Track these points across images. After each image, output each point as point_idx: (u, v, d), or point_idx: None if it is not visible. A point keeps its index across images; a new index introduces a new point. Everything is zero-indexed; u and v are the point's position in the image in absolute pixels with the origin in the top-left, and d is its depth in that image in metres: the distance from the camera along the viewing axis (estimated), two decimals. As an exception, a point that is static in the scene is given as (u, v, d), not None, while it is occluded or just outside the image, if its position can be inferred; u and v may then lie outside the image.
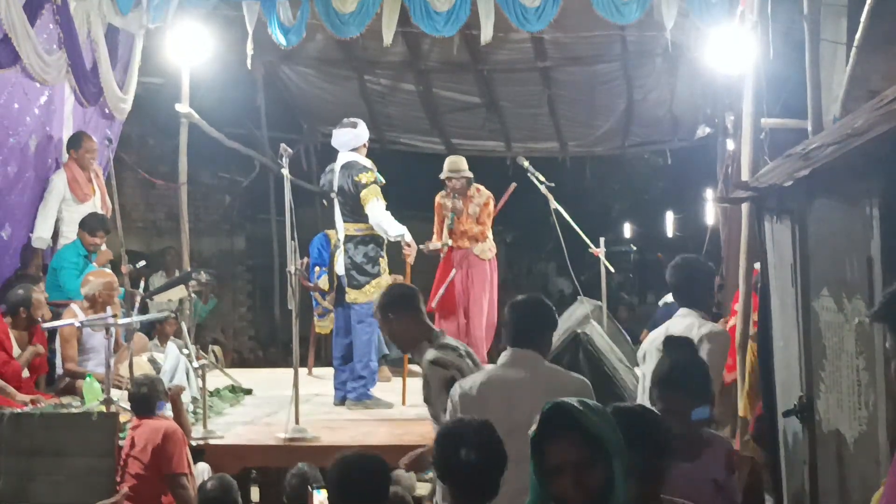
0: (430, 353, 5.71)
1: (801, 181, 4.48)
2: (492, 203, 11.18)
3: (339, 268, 9.24)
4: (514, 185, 11.43)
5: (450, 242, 11.10)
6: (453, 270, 11.13)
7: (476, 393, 5.05)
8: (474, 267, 11.09)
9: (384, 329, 6.18)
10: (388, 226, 9.07)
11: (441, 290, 11.05)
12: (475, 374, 5.39)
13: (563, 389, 4.53)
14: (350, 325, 9.27)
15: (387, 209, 9.19)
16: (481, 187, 11.25)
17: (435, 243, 11.19)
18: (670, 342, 5.13)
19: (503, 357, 5.23)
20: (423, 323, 5.98)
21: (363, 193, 9.03)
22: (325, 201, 9.69)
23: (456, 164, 11.12)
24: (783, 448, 5.41)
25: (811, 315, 4.63)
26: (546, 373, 5.11)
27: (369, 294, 9.02)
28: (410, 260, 9.45)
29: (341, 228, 9.29)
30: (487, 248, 11.16)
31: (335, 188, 9.24)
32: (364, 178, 9.08)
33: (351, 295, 9.15)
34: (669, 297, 11.99)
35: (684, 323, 6.01)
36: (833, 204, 4.42)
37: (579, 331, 7.72)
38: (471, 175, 11.12)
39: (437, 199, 11.27)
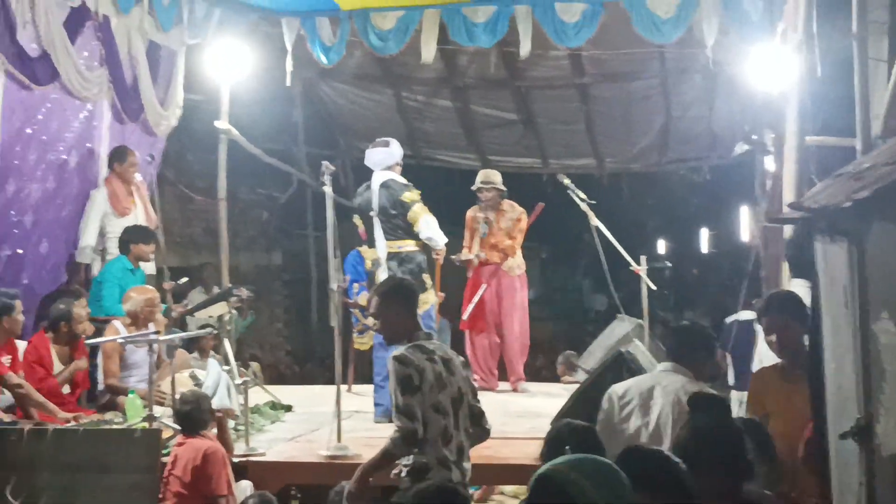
0: (399, 350, 5.94)
1: (859, 202, 4.43)
2: (524, 219, 11.16)
3: None
4: (541, 204, 11.41)
5: (482, 255, 11.07)
6: (483, 286, 11.11)
7: (622, 395, 5.89)
8: (504, 283, 11.07)
9: (378, 313, 6.26)
10: (440, 238, 9.21)
11: (471, 307, 11.03)
12: (630, 380, 6.18)
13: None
14: None
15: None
16: (515, 203, 11.24)
17: (466, 254, 11.17)
18: (698, 402, 4.58)
19: (658, 367, 6.00)
20: (414, 320, 6.21)
21: (412, 212, 9.10)
22: (358, 220, 9.67)
23: (488, 176, 11.15)
24: (834, 472, 5.35)
25: (870, 337, 4.58)
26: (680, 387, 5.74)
27: None
28: (440, 261, 9.57)
29: (383, 247, 9.29)
30: (517, 265, 11.13)
31: (375, 208, 9.25)
32: (408, 196, 9.15)
33: None
34: (744, 314, 11.58)
35: (672, 379, 6.04)
36: (892, 226, 4.37)
37: (623, 350, 7.66)
38: (503, 189, 11.08)
39: (469, 213, 11.25)
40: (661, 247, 27.82)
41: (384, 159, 9.44)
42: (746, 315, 11.82)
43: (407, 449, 5.81)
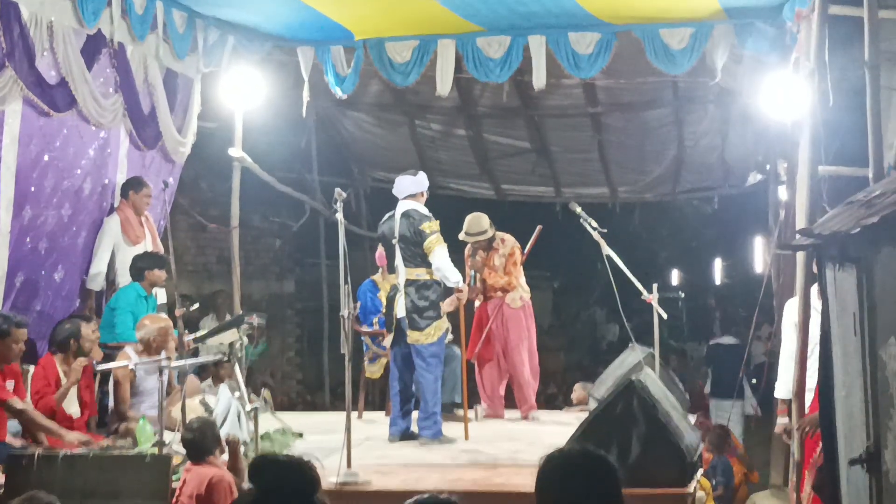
0: None
1: (868, 228, 4.44)
2: (517, 252, 11.09)
3: (400, 310, 9.42)
4: (539, 227, 11.37)
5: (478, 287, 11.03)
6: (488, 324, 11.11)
7: None
8: (508, 315, 11.05)
9: None
10: (450, 273, 9.35)
11: (478, 347, 11.04)
12: None
13: None
14: (407, 363, 9.55)
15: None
16: (506, 236, 11.13)
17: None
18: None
19: None
20: None
21: (428, 242, 9.29)
22: (381, 247, 9.82)
23: (474, 227, 10.97)
24: (846, 498, 5.34)
25: (878, 364, 4.58)
26: None
27: (431, 336, 9.36)
28: (464, 300, 9.71)
29: (402, 273, 9.47)
30: (518, 297, 11.08)
31: (396, 235, 9.40)
32: (427, 227, 9.32)
33: (413, 336, 9.38)
34: (725, 339, 13.70)
35: None
36: (901, 252, 4.39)
37: (633, 378, 7.65)
38: (491, 233, 10.97)
39: (466, 251, 11.20)
40: (674, 277, 27.77)
41: (409, 187, 9.60)
42: (727, 340, 15.96)
43: None
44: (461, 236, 10.87)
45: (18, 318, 8.28)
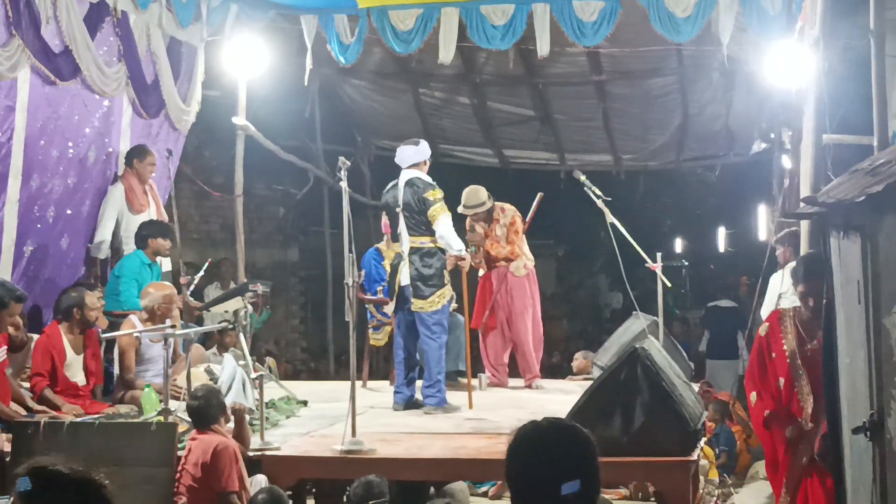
0: None
1: (872, 197, 4.44)
2: (518, 221, 11.07)
3: (404, 278, 9.44)
4: (540, 195, 11.36)
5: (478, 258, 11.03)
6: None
7: None
8: (512, 284, 11.05)
9: None
10: (454, 241, 9.38)
11: (485, 315, 11.05)
12: None
13: None
14: (411, 331, 9.58)
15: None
16: (506, 206, 11.11)
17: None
18: None
19: None
20: None
21: (432, 210, 9.29)
22: (385, 215, 9.83)
23: (471, 199, 10.95)
24: (848, 467, 5.36)
25: (882, 332, 4.58)
26: None
27: (435, 304, 9.37)
28: (466, 267, 9.73)
29: (406, 241, 9.48)
30: (521, 266, 11.06)
31: (400, 203, 9.40)
32: (431, 195, 9.32)
33: (417, 304, 9.40)
34: (723, 302, 13.97)
35: None
36: (905, 220, 4.38)
37: (637, 346, 7.64)
38: (489, 205, 10.96)
39: (467, 223, 11.17)
40: (678, 245, 27.74)
41: (412, 156, 9.59)
42: (725, 303, 16.24)
43: None
44: (459, 209, 10.85)
45: (19, 293, 8.22)
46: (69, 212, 10.05)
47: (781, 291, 9.43)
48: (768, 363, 6.89)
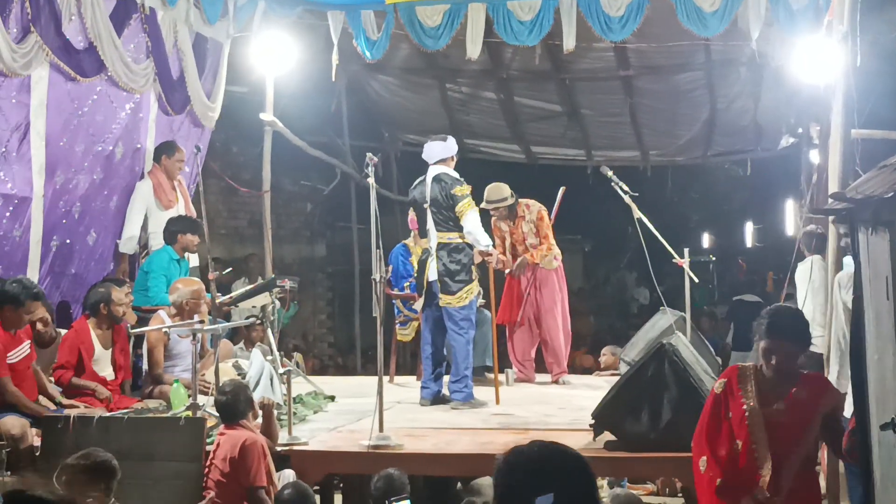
0: None
1: (901, 193, 4.42)
2: (545, 214, 11.08)
3: (432, 274, 9.49)
4: (563, 188, 11.37)
5: (517, 272, 11.05)
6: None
7: None
8: (542, 279, 11.06)
9: None
10: (481, 237, 9.43)
11: (520, 311, 11.05)
12: None
13: None
14: (439, 327, 9.63)
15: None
16: (531, 202, 11.13)
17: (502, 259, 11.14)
18: None
19: None
20: None
21: (460, 206, 9.35)
22: (413, 211, 9.85)
23: (494, 194, 10.98)
24: (877, 463, 5.34)
25: (910, 328, 4.57)
26: None
27: (463, 299, 9.42)
28: (493, 262, 9.79)
29: (434, 237, 9.53)
30: (553, 258, 11.09)
31: (428, 199, 9.43)
32: (459, 191, 9.38)
33: (445, 300, 9.45)
34: (748, 297, 13.44)
35: None
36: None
37: (664, 342, 7.63)
38: (511, 201, 10.98)
39: (493, 222, 11.19)
40: (705, 240, 27.68)
41: (439, 152, 9.64)
42: (750, 297, 16.07)
43: None
44: (482, 205, 10.87)
45: (36, 290, 8.16)
46: (96, 207, 10.10)
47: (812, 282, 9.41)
48: (724, 424, 5.84)
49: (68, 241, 9.73)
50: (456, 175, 9.50)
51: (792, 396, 5.65)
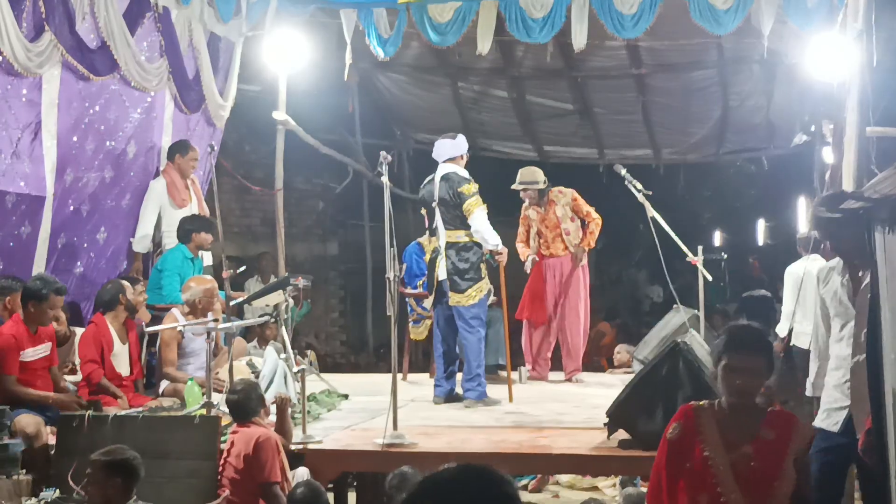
0: None
1: (919, 192, 4.41)
2: (579, 196, 11.15)
3: (441, 272, 9.52)
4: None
5: (535, 258, 11.07)
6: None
7: None
8: (568, 275, 11.05)
9: None
10: (489, 235, 9.41)
11: (550, 307, 11.06)
12: None
13: None
14: (450, 325, 9.64)
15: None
16: (563, 188, 11.21)
17: (525, 253, 11.18)
18: None
19: None
20: None
21: (467, 204, 9.34)
22: (424, 210, 9.85)
23: (527, 176, 11.06)
24: (894, 463, 5.32)
25: (927, 327, 4.55)
26: None
27: (472, 297, 9.42)
28: (503, 261, 9.72)
29: (443, 235, 9.54)
30: (584, 250, 11.11)
31: (436, 198, 9.45)
32: (466, 189, 9.38)
33: (454, 298, 9.46)
34: (758, 292, 13.46)
35: None
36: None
37: (679, 340, 7.62)
38: (543, 186, 11.02)
39: (523, 209, 11.24)
40: (717, 238, 27.61)
41: (449, 151, 9.66)
42: (759, 293, 15.37)
43: None
44: (514, 186, 10.97)
45: (59, 285, 8.25)
46: (107, 206, 10.10)
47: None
48: (684, 474, 4.90)
49: (75, 238, 9.74)
50: (464, 173, 9.50)
51: (759, 438, 4.84)
